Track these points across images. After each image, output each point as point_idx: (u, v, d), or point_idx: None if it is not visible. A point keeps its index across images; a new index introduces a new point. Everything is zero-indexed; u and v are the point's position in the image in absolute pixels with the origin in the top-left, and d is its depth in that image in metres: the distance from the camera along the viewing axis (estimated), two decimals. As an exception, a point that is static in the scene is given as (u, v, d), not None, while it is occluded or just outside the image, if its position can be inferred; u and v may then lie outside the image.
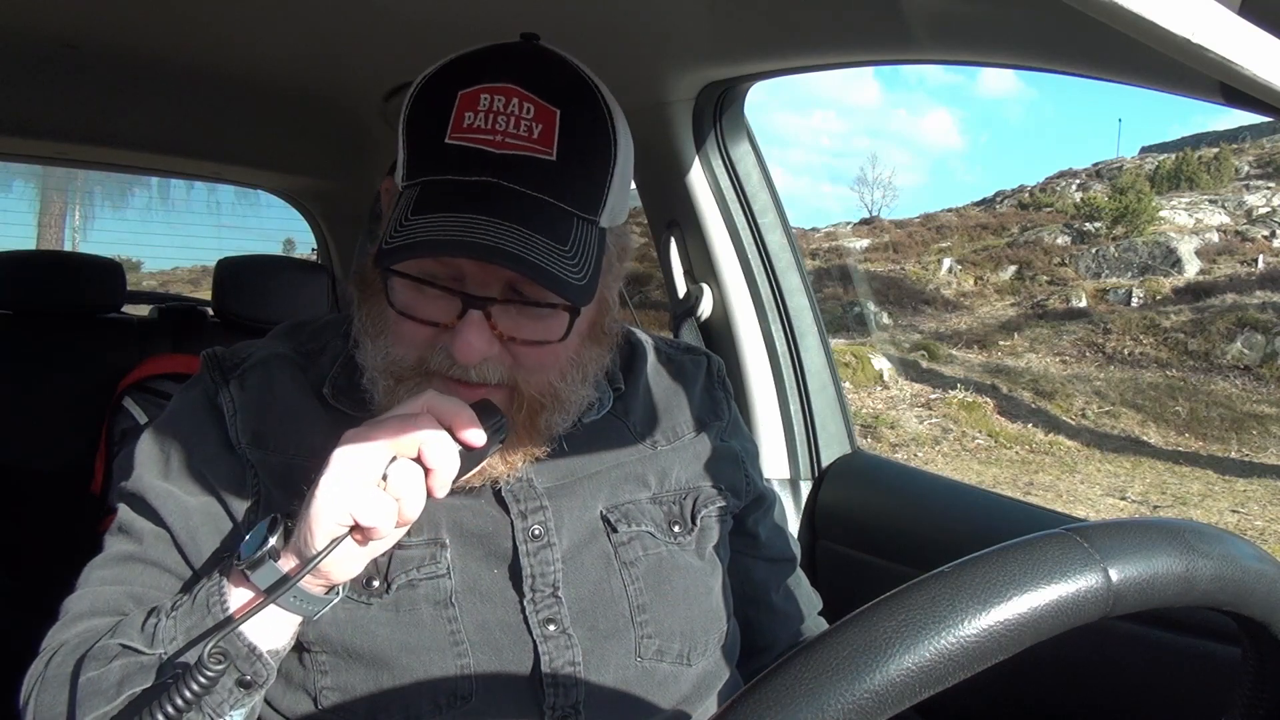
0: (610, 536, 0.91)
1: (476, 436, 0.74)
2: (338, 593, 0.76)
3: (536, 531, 0.87)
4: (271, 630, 0.74)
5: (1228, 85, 0.52)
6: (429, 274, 0.78)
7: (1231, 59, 0.46)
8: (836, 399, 1.70)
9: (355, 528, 0.70)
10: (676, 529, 0.94)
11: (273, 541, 0.73)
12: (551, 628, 0.85)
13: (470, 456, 0.75)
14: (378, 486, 0.70)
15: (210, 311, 2.38)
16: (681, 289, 1.75)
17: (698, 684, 0.92)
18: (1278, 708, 0.51)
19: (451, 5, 1.36)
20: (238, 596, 0.75)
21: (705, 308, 1.71)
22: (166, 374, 2.04)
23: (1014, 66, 1.15)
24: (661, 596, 0.90)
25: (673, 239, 1.73)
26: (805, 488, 1.65)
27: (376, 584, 0.83)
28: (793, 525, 1.62)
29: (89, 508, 1.96)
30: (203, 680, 0.69)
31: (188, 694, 0.68)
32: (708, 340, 1.73)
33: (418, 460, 0.72)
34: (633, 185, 1.83)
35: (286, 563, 0.73)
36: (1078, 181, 23.86)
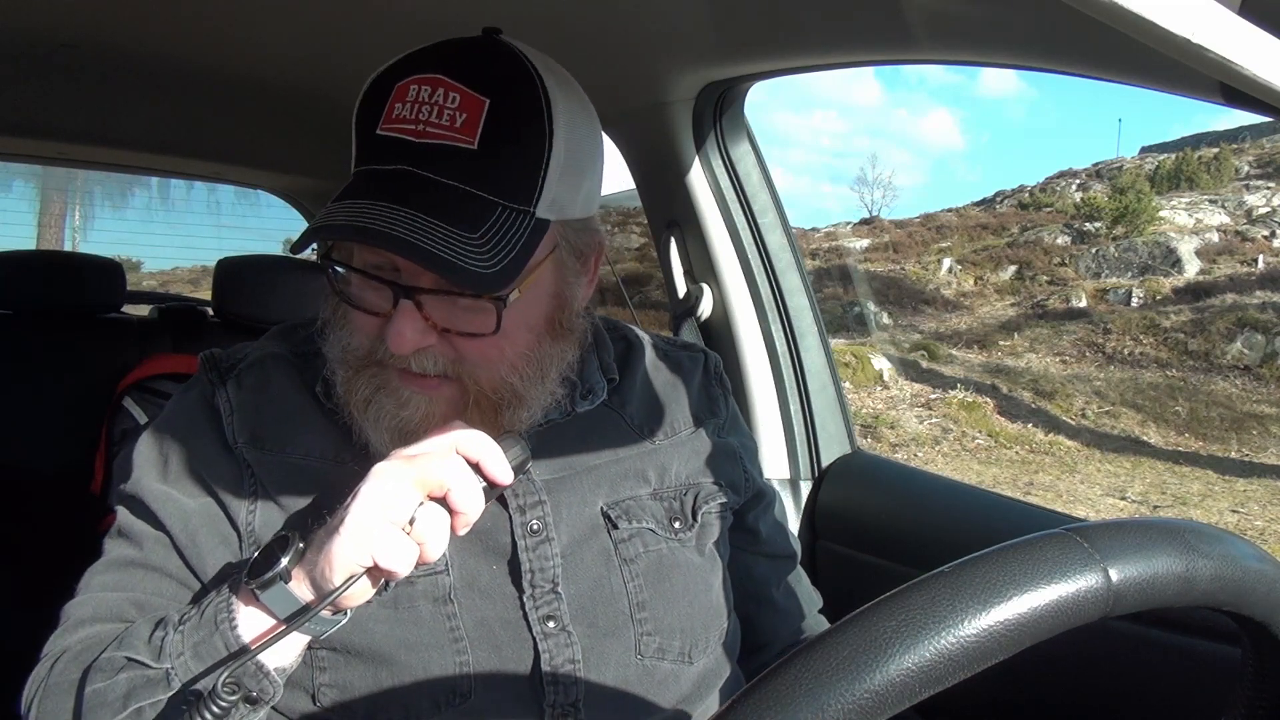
0: (611, 533, 0.90)
1: (504, 475, 0.75)
2: (346, 614, 0.75)
3: (535, 526, 0.87)
4: (279, 650, 0.74)
5: (1228, 85, 0.52)
6: (371, 265, 0.79)
7: (1231, 59, 0.46)
8: (836, 399, 1.70)
9: (375, 568, 0.70)
10: (677, 525, 0.94)
11: (285, 563, 0.72)
12: (551, 624, 0.85)
13: (492, 490, 0.75)
14: (403, 530, 0.71)
15: (210, 311, 2.38)
16: (681, 289, 1.75)
17: (699, 682, 0.92)
18: (1278, 708, 0.51)
19: (451, 6, 1.36)
20: (246, 615, 0.74)
21: (705, 308, 1.71)
22: (166, 374, 2.03)
23: (1014, 66, 1.15)
24: (661, 594, 0.90)
25: (673, 239, 1.73)
26: (805, 488, 1.65)
27: None
28: (793, 525, 1.61)
29: (89, 508, 1.96)
30: (215, 710, 0.69)
31: None
32: (708, 340, 1.73)
33: (444, 501, 0.72)
34: (632, 185, 1.84)
35: (298, 585, 0.73)
36: (1078, 181, 23.85)
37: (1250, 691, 0.52)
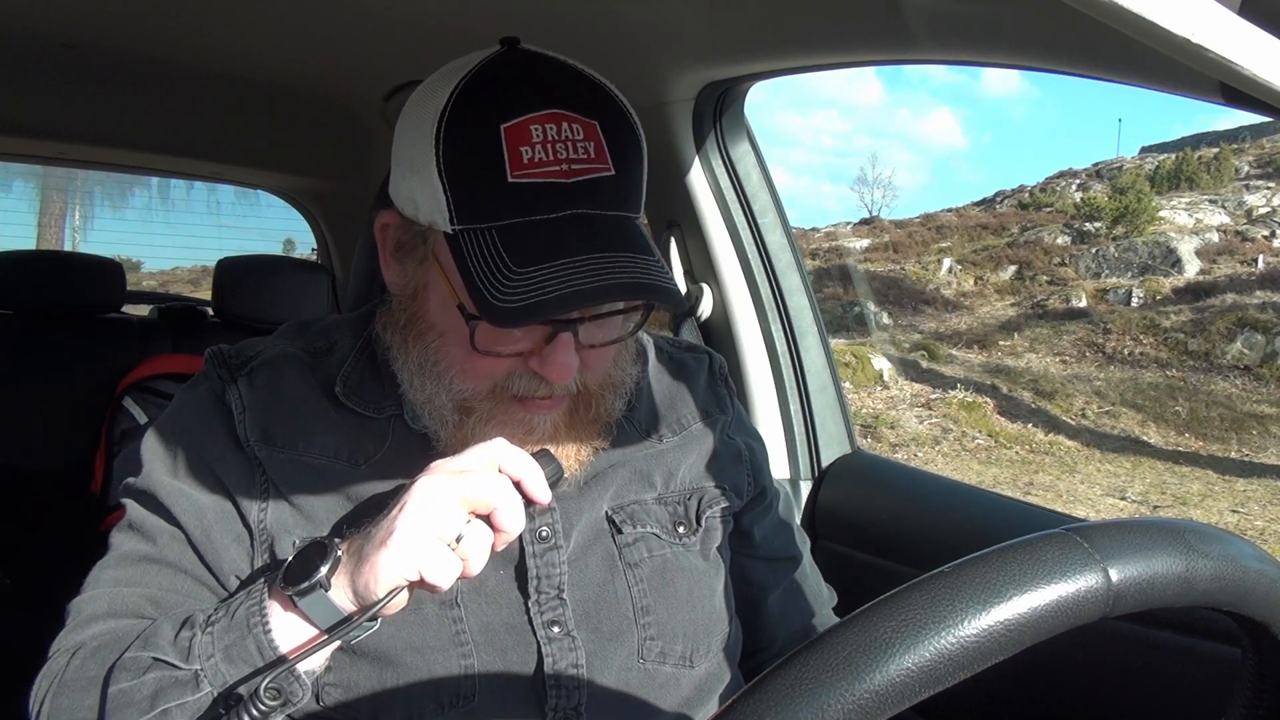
0: (615, 537, 0.91)
1: (544, 494, 0.75)
2: (378, 622, 0.75)
3: (544, 533, 0.87)
4: (313, 655, 0.74)
5: (1228, 85, 0.52)
6: None
7: (1231, 59, 0.46)
8: (836, 399, 1.70)
9: (419, 581, 0.71)
10: (681, 530, 0.94)
11: (324, 571, 0.72)
12: (555, 629, 0.85)
13: (529, 508, 0.76)
14: (449, 547, 0.71)
15: (210, 311, 2.38)
16: (681, 289, 1.75)
17: (699, 686, 0.92)
18: (1278, 708, 0.51)
19: (451, 5, 1.36)
20: (281, 620, 0.74)
21: (705, 308, 1.71)
22: (166, 374, 2.04)
23: (1014, 66, 1.15)
24: (665, 598, 0.90)
25: (673, 239, 1.73)
26: (805, 488, 1.65)
27: None
28: (793, 525, 1.61)
29: (89, 508, 1.96)
30: (254, 714, 0.70)
31: None
32: (708, 340, 1.73)
33: (487, 519, 0.73)
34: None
35: (338, 594, 0.73)
36: (1078, 181, 23.85)
37: (1250, 691, 0.52)
